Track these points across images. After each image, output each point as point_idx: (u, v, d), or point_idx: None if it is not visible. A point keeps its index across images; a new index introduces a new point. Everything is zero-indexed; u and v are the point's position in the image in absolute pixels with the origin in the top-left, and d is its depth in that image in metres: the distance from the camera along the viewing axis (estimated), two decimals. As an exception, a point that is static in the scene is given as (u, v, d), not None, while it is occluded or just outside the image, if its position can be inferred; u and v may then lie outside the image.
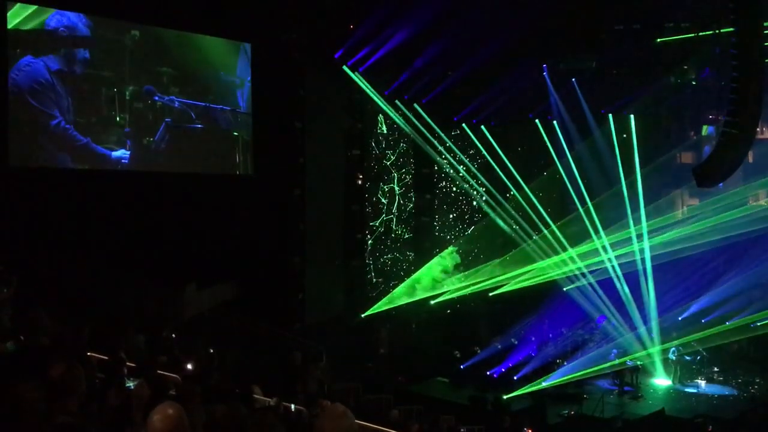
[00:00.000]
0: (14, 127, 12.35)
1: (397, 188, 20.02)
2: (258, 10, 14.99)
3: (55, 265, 11.54)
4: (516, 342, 18.73)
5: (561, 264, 20.17)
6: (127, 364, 6.85)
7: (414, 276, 20.51)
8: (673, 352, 17.90)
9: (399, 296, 19.96)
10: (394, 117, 18.86)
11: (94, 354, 6.92)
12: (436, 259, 21.23)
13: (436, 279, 20.97)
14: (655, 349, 18.49)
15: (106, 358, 6.87)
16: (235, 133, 15.88)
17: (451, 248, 21.64)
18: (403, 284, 20.20)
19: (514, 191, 21.20)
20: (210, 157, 15.54)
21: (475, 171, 21.26)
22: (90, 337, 7.41)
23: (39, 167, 12.70)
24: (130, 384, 5.53)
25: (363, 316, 18.70)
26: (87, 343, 6.94)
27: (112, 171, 13.76)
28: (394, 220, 20.03)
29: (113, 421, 4.23)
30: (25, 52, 12.41)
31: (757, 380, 17.72)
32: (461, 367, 18.17)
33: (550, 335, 18.88)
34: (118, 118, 13.86)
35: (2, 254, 9.60)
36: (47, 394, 3.42)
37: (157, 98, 14.37)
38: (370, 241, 19.16)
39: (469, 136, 21.01)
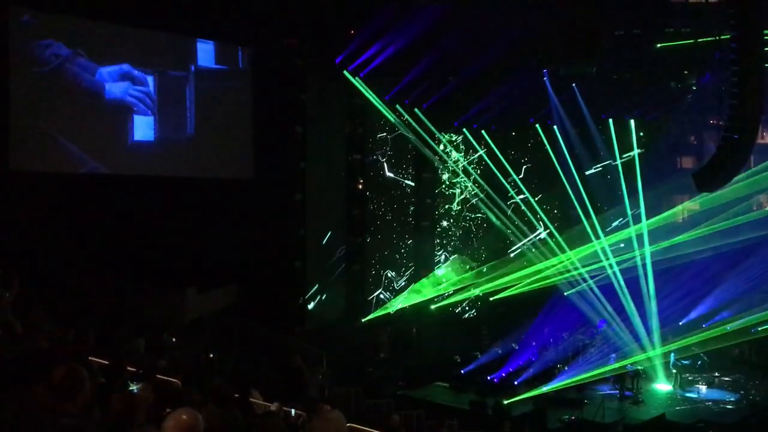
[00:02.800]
0: (16, 131, 12.37)
1: (397, 193, 20.01)
2: (259, 15, 15.03)
3: (56, 269, 11.55)
4: (516, 347, 18.70)
5: (562, 268, 20.16)
6: (128, 368, 6.84)
7: (416, 286, 20.45)
8: (673, 357, 17.87)
9: (400, 301, 19.96)
10: (394, 122, 18.87)
11: (94, 358, 6.91)
12: (440, 270, 21.19)
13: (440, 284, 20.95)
14: (656, 354, 18.47)
15: (106, 362, 6.86)
16: (236, 137, 15.91)
17: (454, 259, 21.61)
18: (404, 293, 20.17)
19: (514, 196, 21.20)
20: (211, 161, 15.56)
21: (476, 176, 21.28)
22: (91, 341, 7.41)
23: (40, 171, 12.72)
24: (134, 388, 5.53)
25: (364, 320, 18.68)
26: (88, 347, 6.94)
27: (113, 175, 13.78)
28: (395, 224, 20.02)
29: (116, 424, 4.23)
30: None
31: (758, 385, 17.69)
32: (462, 371, 18.14)
33: (551, 340, 18.85)
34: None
35: (3, 258, 9.59)
36: (51, 396, 3.42)
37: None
38: (370, 246, 19.15)
39: (470, 141, 21.03)
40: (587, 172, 20.73)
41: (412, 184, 20.45)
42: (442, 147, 20.34)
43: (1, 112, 12.08)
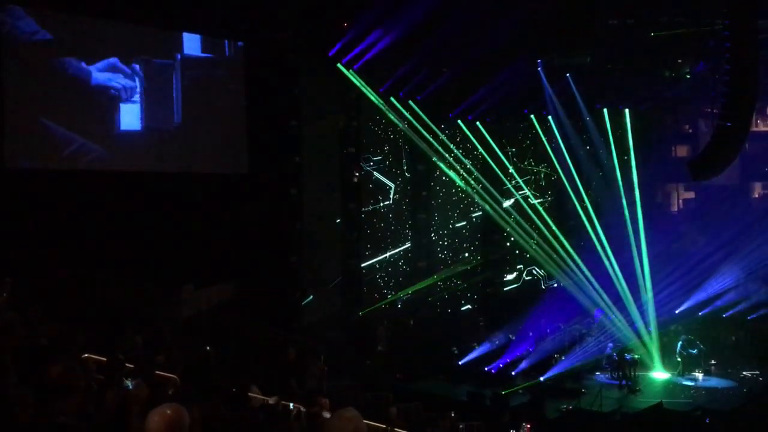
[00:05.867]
0: (9, 128, 12.32)
1: (393, 186, 20.01)
2: (251, 8, 14.96)
3: (52, 267, 11.51)
4: (513, 337, 18.75)
5: (557, 258, 20.21)
6: (126, 365, 6.84)
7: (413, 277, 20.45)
8: (682, 342, 17.76)
9: (396, 294, 20.00)
10: (389, 114, 18.84)
11: (92, 355, 6.91)
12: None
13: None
14: (653, 343, 18.55)
15: (104, 359, 6.86)
16: (230, 131, 15.87)
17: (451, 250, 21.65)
18: (401, 285, 20.19)
19: (509, 187, 21.22)
20: (206, 157, 15.52)
21: (472, 167, 21.28)
22: (87, 339, 7.41)
23: (32, 168, 12.67)
24: (129, 384, 5.53)
25: (361, 313, 18.70)
26: (83, 344, 6.93)
27: (108, 171, 13.74)
28: (391, 217, 20.02)
29: (111, 421, 4.23)
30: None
31: (755, 372, 17.76)
32: (459, 363, 18.19)
33: (548, 330, 18.90)
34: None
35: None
36: (45, 394, 3.42)
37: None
38: (366, 239, 19.15)
39: (465, 133, 21.02)
40: (580, 161, 20.70)
41: (408, 176, 20.46)
42: (436, 139, 20.28)
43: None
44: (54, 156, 13.11)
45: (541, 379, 16.95)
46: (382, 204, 19.72)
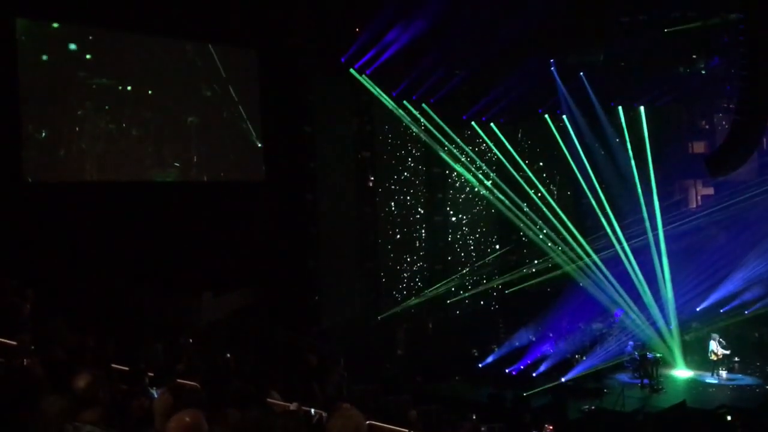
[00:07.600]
0: (28, 141, 12.48)
1: (408, 189, 20.00)
2: (263, 16, 15.06)
3: (72, 277, 11.64)
4: (533, 338, 18.66)
5: (576, 258, 20.10)
6: (147, 373, 6.89)
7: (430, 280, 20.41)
8: (715, 342, 17.45)
9: (415, 297, 19.97)
10: (402, 118, 18.85)
11: (114, 365, 6.97)
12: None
13: None
14: (674, 341, 18.38)
15: (126, 368, 6.92)
16: (245, 139, 15.97)
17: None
18: (419, 288, 20.15)
19: (525, 187, 21.13)
20: (221, 165, 15.63)
21: (487, 169, 21.22)
22: (110, 348, 7.48)
23: (53, 181, 12.82)
24: (154, 393, 5.58)
25: (379, 317, 18.70)
26: (112, 355, 7.00)
27: (125, 181, 13.87)
28: (407, 220, 20.01)
29: (136, 430, 4.27)
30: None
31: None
32: (479, 365, 18.14)
33: (568, 331, 18.80)
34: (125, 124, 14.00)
35: (18, 269, 9.69)
36: (71, 404, 3.46)
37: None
38: (383, 243, 19.15)
39: (479, 134, 20.97)
40: (596, 159, 20.51)
41: (423, 178, 20.44)
42: (450, 141, 20.26)
43: (12, 122, 12.17)
44: (72, 168, 13.26)
45: (563, 379, 16.86)
46: (397, 207, 19.71)
